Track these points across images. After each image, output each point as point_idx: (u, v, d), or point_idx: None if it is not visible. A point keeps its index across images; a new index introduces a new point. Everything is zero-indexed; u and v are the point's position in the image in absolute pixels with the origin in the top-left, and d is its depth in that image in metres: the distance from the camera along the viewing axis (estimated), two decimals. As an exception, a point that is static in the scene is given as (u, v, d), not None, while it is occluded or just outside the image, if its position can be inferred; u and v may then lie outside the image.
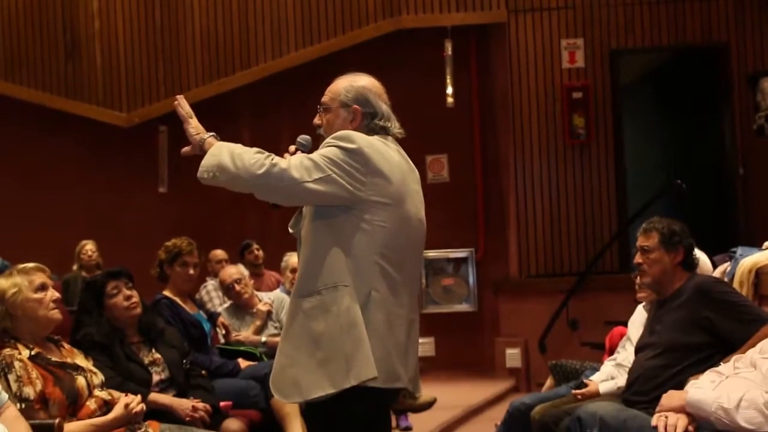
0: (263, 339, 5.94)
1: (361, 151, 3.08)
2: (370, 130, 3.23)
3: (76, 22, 9.92)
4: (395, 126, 3.29)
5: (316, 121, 3.33)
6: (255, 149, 3.09)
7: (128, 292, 4.43)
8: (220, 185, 3.13)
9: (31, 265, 3.83)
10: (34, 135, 10.16)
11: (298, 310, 3.11)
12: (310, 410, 3.20)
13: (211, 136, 3.20)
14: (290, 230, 3.38)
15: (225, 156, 3.07)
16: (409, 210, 3.20)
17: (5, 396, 3.30)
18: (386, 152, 3.17)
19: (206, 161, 3.10)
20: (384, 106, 3.29)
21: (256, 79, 9.64)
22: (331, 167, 3.04)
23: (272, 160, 3.04)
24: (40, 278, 3.77)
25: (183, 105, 3.31)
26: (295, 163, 3.04)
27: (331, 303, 3.04)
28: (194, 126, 3.25)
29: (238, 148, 3.10)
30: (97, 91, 9.89)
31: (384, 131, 3.25)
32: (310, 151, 3.22)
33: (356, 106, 3.24)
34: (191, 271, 5.32)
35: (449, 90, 9.40)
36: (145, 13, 9.87)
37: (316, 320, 3.06)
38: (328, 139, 3.14)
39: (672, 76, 10.42)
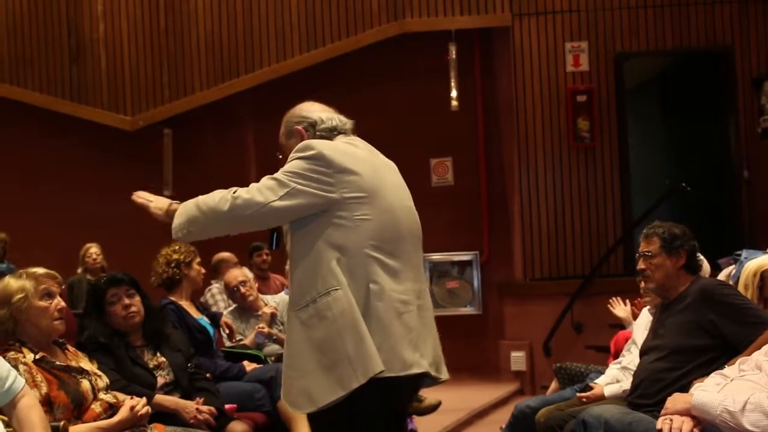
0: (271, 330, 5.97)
1: (322, 155, 3.12)
2: (321, 137, 3.30)
3: (80, 25, 9.94)
4: (342, 123, 3.37)
5: None
6: (219, 191, 3.16)
7: (127, 301, 4.42)
8: (197, 238, 3.25)
9: (41, 270, 3.79)
10: (38, 138, 10.17)
11: (297, 322, 3.13)
12: (316, 417, 3.17)
13: (174, 203, 3.28)
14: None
15: (190, 209, 3.17)
16: (390, 200, 3.22)
17: (21, 382, 3.27)
18: (350, 150, 3.22)
19: (175, 223, 3.19)
20: (321, 113, 3.37)
21: (260, 82, 9.65)
22: (294, 180, 3.10)
23: (234, 193, 3.12)
24: (48, 285, 3.76)
25: (138, 197, 3.38)
26: (257, 187, 3.11)
27: (325, 309, 3.06)
28: (157, 206, 3.32)
29: (201, 197, 3.19)
30: (102, 95, 9.91)
31: (334, 131, 3.33)
32: None
33: (296, 128, 3.35)
34: (203, 270, 5.48)
35: (453, 93, 9.40)
36: (150, 16, 9.89)
37: (314, 328, 3.08)
38: (290, 155, 3.20)
39: (676, 79, 10.42)
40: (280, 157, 3.36)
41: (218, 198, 3.12)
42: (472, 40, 9.78)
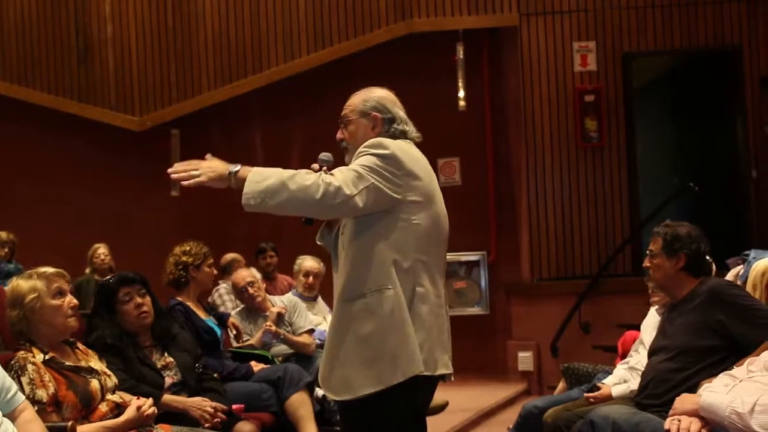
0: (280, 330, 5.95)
1: (395, 156, 3.22)
2: (391, 135, 3.38)
3: (88, 26, 9.96)
4: (413, 130, 3.46)
5: (339, 135, 3.46)
6: (304, 171, 3.13)
7: (139, 300, 4.41)
8: (268, 211, 3.12)
9: (51, 270, 3.80)
10: (47, 138, 10.20)
11: (346, 313, 3.24)
12: (350, 408, 3.29)
13: (236, 166, 3.15)
14: (318, 242, 3.53)
15: (272, 181, 3.07)
16: (440, 206, 3.38)
17: (21, 397, 3.30)
18: (413, 153, 3.35)
19: (248, 189, 3.07)
20: (400, 112, 3.45)
21: (268, 82, 9.65)
22: (372, 175, 3.17)
23: (325, 179, 3.10)
24: (59, 283, 3.76)
25: (182, 173, 3.20)
26: (343, 179, 3.13)
27: (376, 305, 3.18)
28: (213, 175, 3.15)
29: (285, 172, 3.10)
30: (110, 95, 9.93)
31: (403, 135, 3.41)
32: (334, 166, 3.31)
33: (375, 113, 3.40)
34: (215, 271, 5.48)
35: (461, 93, 9.40)
36: (158, 17, 9.90)
37: (362, 322, 3.20)
38: (361, 148, 3.27)
39: (684, 78, 10.39)
40: (341, 124, 3.43)
41: (311, 180, 3.08)
42: (480, 40, 9.77)
